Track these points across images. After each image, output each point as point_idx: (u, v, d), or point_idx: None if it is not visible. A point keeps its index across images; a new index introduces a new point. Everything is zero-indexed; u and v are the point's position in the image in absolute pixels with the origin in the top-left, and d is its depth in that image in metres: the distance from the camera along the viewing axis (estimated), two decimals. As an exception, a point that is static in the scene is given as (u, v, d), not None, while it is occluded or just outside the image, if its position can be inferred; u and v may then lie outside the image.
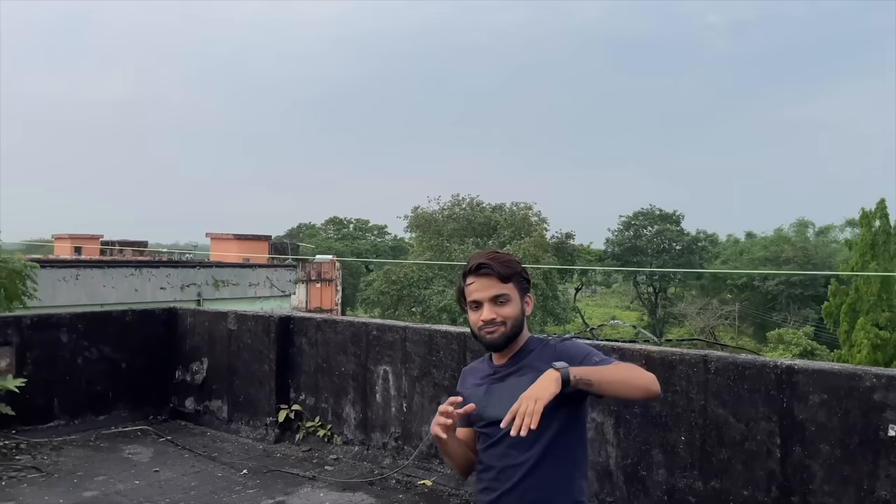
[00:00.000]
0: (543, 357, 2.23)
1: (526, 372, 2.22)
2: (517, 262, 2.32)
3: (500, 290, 2.24)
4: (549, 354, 2.24)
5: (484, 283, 2.24)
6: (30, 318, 6.73)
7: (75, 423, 6.81)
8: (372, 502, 5.22)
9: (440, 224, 47.30)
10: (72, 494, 5.21)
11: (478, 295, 2.24)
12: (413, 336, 5.91)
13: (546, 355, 2.24)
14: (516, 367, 2.27)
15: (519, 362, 2.28)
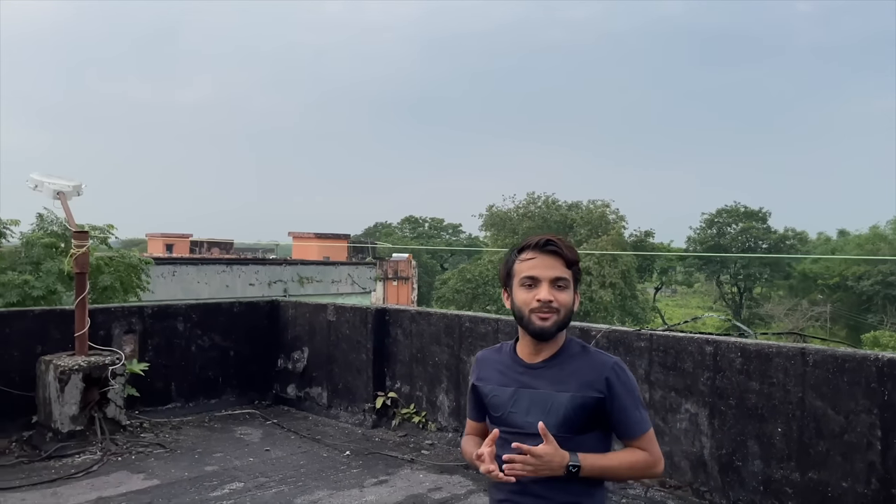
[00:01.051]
0: (586, 371, 2.02)
1: (563, 384, 2.01)
2: (577, 252, 2.12)
3: (563, 273, 2.01)
4: (592, 372, 2.01)
5: (547, 261, 2.00)
6: (150, 307, 7.32)
7: (190, 406, 7.36)
8: (469, 484, 5.47)
9: (515, 222, 47.33)
10: (195, 468, 5.69)
11: (538, 272, 1.99)
12: (505, 328, 6.13)
13: (589, 371, 2.02)
14: (552, 371, 2.03)
15: (555, 365, 2.04)
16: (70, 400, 5.99)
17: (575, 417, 1.99)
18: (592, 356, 2.06)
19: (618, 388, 2.01)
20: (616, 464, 2.01)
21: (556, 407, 2.00)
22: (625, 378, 2.03)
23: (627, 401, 2.01)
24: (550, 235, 2.07)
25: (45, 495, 5.03)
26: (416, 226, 66.19)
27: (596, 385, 2.00)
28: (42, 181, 6.75)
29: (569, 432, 1.99)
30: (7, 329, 6.29)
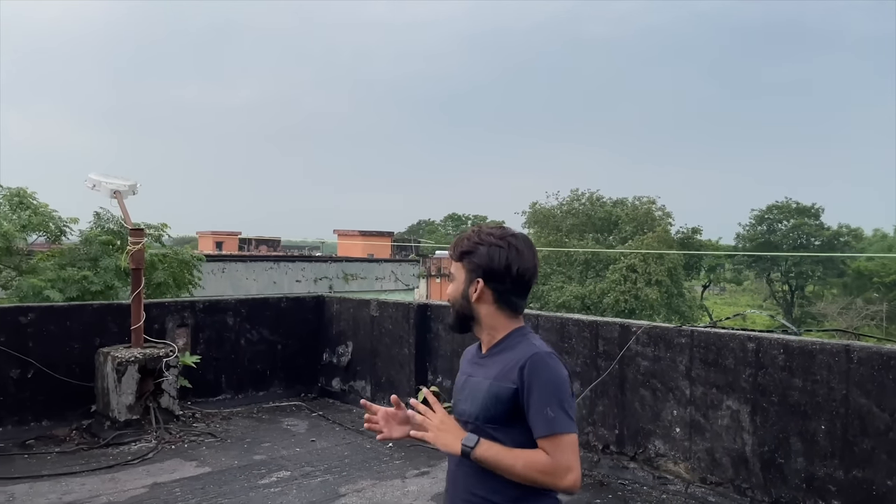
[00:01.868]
0: (508, 362, 1.95)
1: (491, 376, 1.97)
2: (478, 241, 2.00)
3: (450, 267, 2.09)
4: (512, 363, 1.93)
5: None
6: (202, 302, 7.58)
7: (239, 397, 7.61)
8: (509, 478, 5.54)
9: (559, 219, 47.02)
10: (244, 457, 5.90)
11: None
12: (545, 323, 6.18)
13: (510, 362, 1.94)
14: (492, 359, 2.02)
15: (496, 354, 2.02)
16: (127, 390, 6.26)
17: (490, 406, 1.94)
18: (521, 347, 1.96)
19: (530, 381, 1.88)
20: (511, 460, 1.87)
21: (478, 394, 1.99)
22: (541, 371, 1.89)
23: (538, 395, 1.87)
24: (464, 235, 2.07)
25: (103, 480, 5.29)
26: (459, 223, 66.32)
27: (510, 375, 1.92)
28: (100, 181, 7.05)
29: (488, 422, 1.95)
30: (68, 322, 6.60)
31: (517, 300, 2.05)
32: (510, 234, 2.04)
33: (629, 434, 5.53)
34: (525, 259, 2.02)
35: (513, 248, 2.00)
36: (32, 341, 6.37)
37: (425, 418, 2.01)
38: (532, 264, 2.04)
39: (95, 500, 4.91)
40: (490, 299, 2.01)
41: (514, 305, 2.04)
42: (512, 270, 1.99)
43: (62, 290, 8.20)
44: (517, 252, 2.01)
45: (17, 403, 6.28)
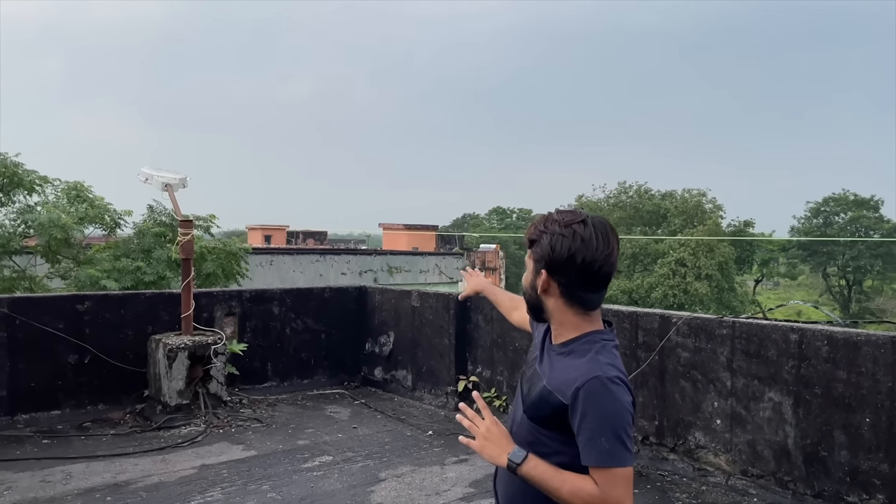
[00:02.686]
0: (569, 372, 1.80)
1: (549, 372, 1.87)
2: (542, 229, 1.86)
3: (528, 254, 1.93)
4: (571, 377, 1.78)
5: None
6: (249, 292, 7.79)
7: (285, 385, 7.80)
8: (547, 467, 5.57)
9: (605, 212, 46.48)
10: (288, 441, 6.07)
11: None
12: (585, 314, 6.17)
13: (571, 373, 1.79)
14: (558, 356, 1.89)
15: (562, 353, 1.88)
16: (177, 376, 6.50)
17: (539, 407, 1.85)
18: (585, 360, 1.80)
19: (584, 407, 1.73)
20: (558, 483, 1.76)
21: (534, 388, 1.90)
22: (599, 399, 1.73)
23: (592, 424, 1.72)
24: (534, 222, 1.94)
25: (155, 461, 5.51)
26: (504, 216, 66.15)
27: (564, 389, 1.78)
28: (152, 174, 7.29)
29: (533, 420, 1.87)
30: (122, 310, 6.87)
31: (587, 294, 1.85)
32: (579, 220, 1.83)
33: (669, 425, 5.49)
34: (593, 248, 1.80)
35: (577, 237, 1.80)
36: (89, 328, 6.65)
37: (472, 424, 1.91)
38: (604, 254, 1.81)
39: (147, 479, 5.13)
40: (556, 293, 1.86)
41: (584, 301, 1.86)
42: (576, 261, 1.79)
43: (117, 279, 8.52)
44: (582, 241, 1.80)
45: (75, 387, 6.57)
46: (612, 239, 1.85)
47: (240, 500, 4.78)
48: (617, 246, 1.86)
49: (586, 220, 1.84)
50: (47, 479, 5.07)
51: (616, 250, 1.85)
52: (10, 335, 6.24)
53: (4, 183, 8.78)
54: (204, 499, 4.79)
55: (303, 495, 4.89)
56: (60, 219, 8.34)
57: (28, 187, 8.93)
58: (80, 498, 4.74)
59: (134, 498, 4.76)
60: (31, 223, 8.54)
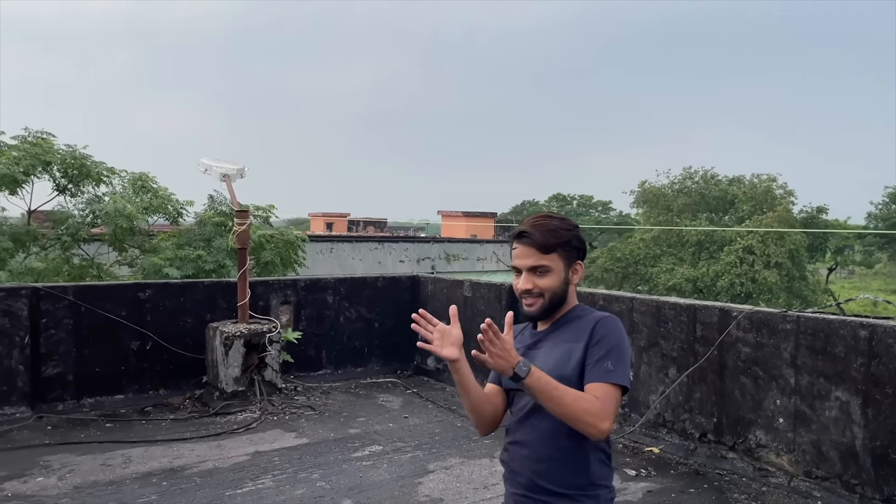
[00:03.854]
0: (579, 328, 2.08)
1: (560, 341, 2.08)
2: (566, 229, 2.10)
3: (539, 261, 2.06)
4: (584, 326, 2.07)
5: (524, 251, 2.09)
6: (303, 281, 7.89)
7: (339, 373, 7.88)
8: (599, 463, 5.45)
9: (670, 199, 45.29)
10: (340, 430, 6.12)
11: (518, 262, 2.10)
12: (640, 307, 5.99)
13: (581, 326, 2.07)
14: (554, 333, 2.12)
15: (557, 329, 2.13)
16: (233, 363, 6.63)
17: (562, 364, 2.03)
18: (589, 315, 2.11)
19: (600, 336, 2.02)
20: (563, 391, 1.90)
21: (549, 359, 2.07)
22: (613, 330, 2.04)
23: (603, 347, 2.00)
24: (529, 223, 2.11)
25: (210, 447, 5.64)
26: (564, 203, 65.27)
27: (582, 335, 2.05)
28: (210, 165, 7.43)
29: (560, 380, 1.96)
30: (181, 298, 7.05)
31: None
32: (570, 218, 2.23)
33: (728, 423, 5.28)
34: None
35: (580, 229, 2.21)
36: (150, 315, 6.85)
37: (492, 340, 1.93)
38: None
39: (202, 464, 5.25)
40: (579, 277, 2.17)
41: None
42: (586, 248, 2.22)
43: (179, 268, 8.75)
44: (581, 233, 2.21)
45: (137, 373, 6.79)
46: None
47: (289, 487, 4.84)
48: None
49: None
50: (108, 462, 5.24)
51: None
52: (75, 322, 6.48)
53: (74, 174, 9.11)
54: (255, 485, 4.86)
55: (351, 485, 4.91)
56: (126, 208, 8.61)
57: (96, 178, 9.25)
58: (137, 482, 4.89)
59: (188, 483, 4.88)
60: (98, 213, 8.85)
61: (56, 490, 4.69)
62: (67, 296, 6.46)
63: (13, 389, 6.11)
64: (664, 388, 5.74)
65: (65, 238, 8.87)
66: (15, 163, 8.38)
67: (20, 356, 6.16)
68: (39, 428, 5.99)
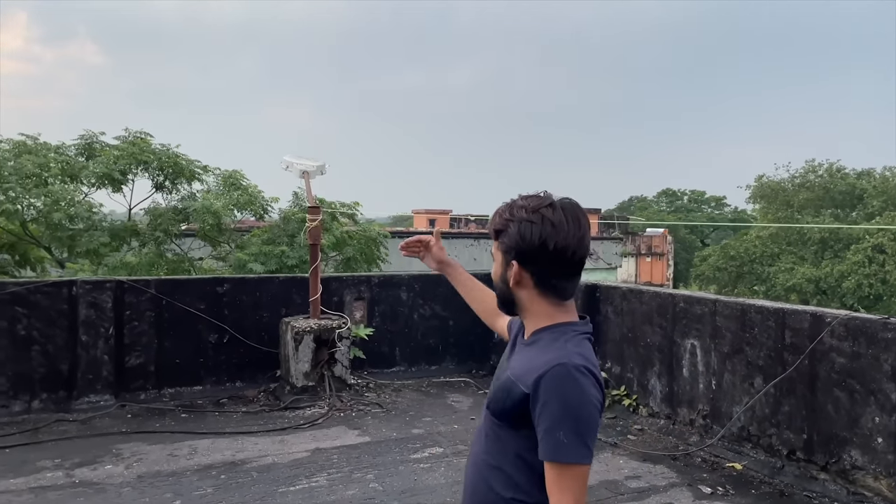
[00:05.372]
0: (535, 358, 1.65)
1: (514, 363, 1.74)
2: (508, 217, 1.72)
3: (492, 246, 1.81)
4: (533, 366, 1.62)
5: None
6: (377, 277, 7.86)
7: (412, 370, 7.80)
8: (673, 476, 5.05)
9: (790, 194, 42.56)
10: (403, 429, 6.02)
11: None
12: (724, 310, 5.51)
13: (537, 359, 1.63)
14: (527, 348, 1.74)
15: (530, 344, 1.74)
16: (303, 358, 6.67)
17: (500, 399, 1.71)
18: (552, 349, 1.64)
19: (546, 396, 1.57)
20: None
21: (497, 381, 1.78)
22: (561, 386, 1.56)
23: (551, 414, 1.56)
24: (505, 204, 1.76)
25: (274, 441, 5.68)
26: (674, 199, 62.75)
27: (526, 378, 1.62)
28: (292, 162, 7.52)
29: (495, 415, 1.73)
30: (258, 293, 7.18)
31: (561, 283, 1.73)
32: (546, 204, 1.70)
33: (819, 440, 4.74)
34: (564, 233, 1.66)
35: (547, 223, 1.67)
36: (228, 309, 7.02)
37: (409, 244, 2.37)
38: (576, 238, 1.68)
39: (262, 459, 5.28)
40: (530, 283, 1.72)
41: (558, 289, 1.73)
42: (548, 248, 1.66)
43: (263, 263, 8.97)
44: (552, 226, 1.66)
45: (215, 365, 6.97)
46: (584, 221, 1.72)
47: (342, 487, 4.77)
48: (589, 228, 1.73)
49: (554, 204, 1.70)
50: (175, 452, 5.38)
51: (588, 233, 1.72)
52: (157, 314, 6.73)
53: (168, 173, 9.53)
54: (309, 483, 4.83)
55: (404, 488, 4.78)
56: (213, 205, 8.91)
57: (189, 176, 9.63)
58: (197, 474, 4.97)
59: (245, 478, 4.91)
60: (189, 209, 9.21)
61: (120, 479, 4.84)
62: (150, 289, 6.71)
63: (98, 378, 6.41)
64: (749, 398, 5.25)
65: (158, 233, 9.30)
66: (113, 162, 8.84)
67: (105, 346, 6.46)
68: (120, 416, 6.26)
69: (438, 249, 2.37)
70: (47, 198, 8.72)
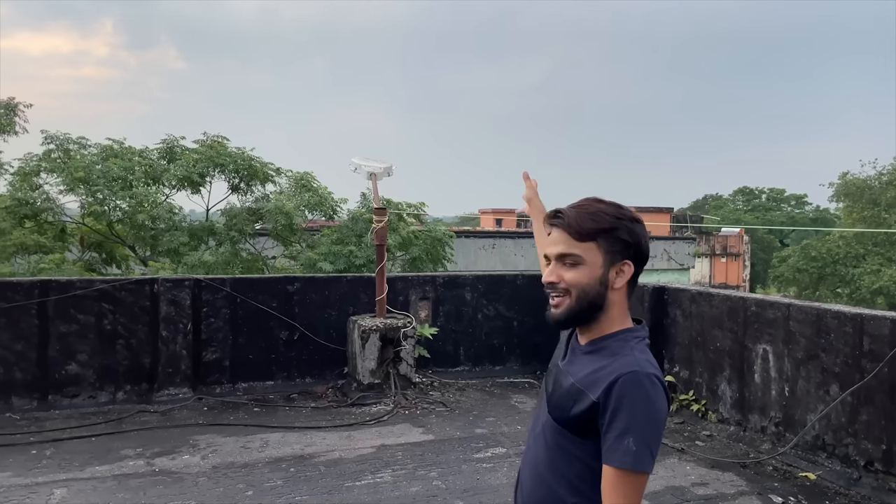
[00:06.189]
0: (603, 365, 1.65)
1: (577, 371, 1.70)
2: (614, 216, 1.69)
3: (570, 248, 1.68)
4: (603, 373, 1.63)
5: (556, 236, 1.72)
6: (442, 277, 7.94)
7: (476, 370, 7.85)
8: (742, 485, 4.92)
9: (876, 192, 40.46)
10: (467, 429, 6.07)
11: (547, 249, 1.75)
12: (798, 314, 5.33)
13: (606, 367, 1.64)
14: (587, 356, 1.72)
15: (592, 352, 1.71)
16: (369, 356, 6.82)
17: (565, 407, 1.68)
18: (622, 355, 1.65)
19: (617, 403, 1.58)
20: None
21: (558, 388, 1.73)
22: (635, 395, 1.57)
23: (622, 422, 1.56)
24: (571, 205, 1.74)
25: (341, 437, 5.83)
26: (752, 197, 60.58)
27: (597, 387, 1.62)
28: (360, 164, 7.69)
29: (558, 422, 1.71)
30: (326, 292, 7.38)
31: (637, 283, 1.78)
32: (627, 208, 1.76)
33: (900, 453, 4.53)
34: (647, 234, 1.76)
35: (643, 225, 1.72)
36: (298, 307, 7.24)
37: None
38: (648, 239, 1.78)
39: (330, 453, 5.44)
40: (626, 285, 1.73)
41: (635, 290, 1.77)
42: (646, 249, 1.74)
43: (332, 262, 9.19)
44: (645, 228, 1.74)
45: (286, 361, 7.20)
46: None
47: (406, 484, 4.87)
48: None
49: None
50: (247, 445, 5.60)
51: None
52: (232, 312, 7.01)
53: (244, 175, 9.89)
54: (374, 479, 4.95)
55: (466, 486, 4.84)
56: (285, 206, 9.19)
57: (262, 178, 9.97)
58: (268, 466, 5.16)
59: (313, 471, 5.07)
60: (262, 210, 9.54)
61: (197, 469, 5.08)
62: (225, 287, 6.99)
63: (177, 372, 6.73)
64: (824, 406, 5.06)
65: (233, 233, 9.66)
66: (192, 165, 9.24)
67: (183, 342, 6.77)
68: (197, 408, 6.55)
69: (530, 188, 2.56)
70: (132, 199, 9.20)
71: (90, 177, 9.16)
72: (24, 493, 4.58)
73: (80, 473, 4.93)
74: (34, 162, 9.71)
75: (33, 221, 9.61)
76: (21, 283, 6.48)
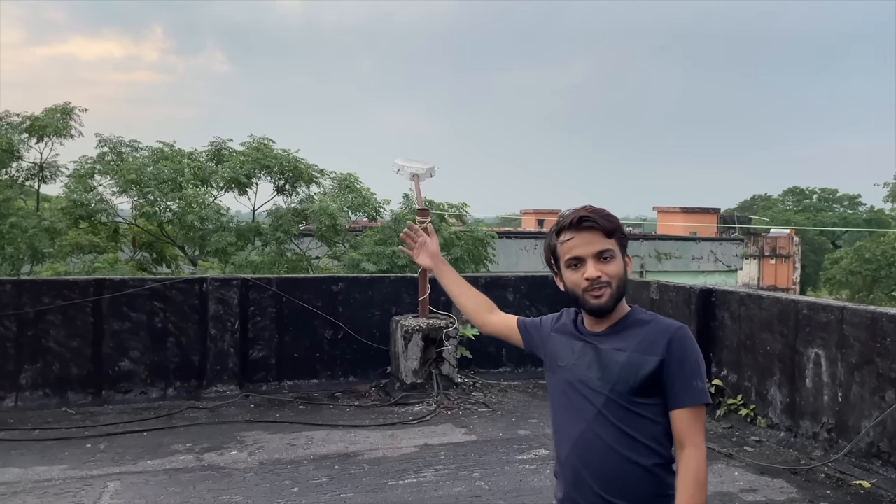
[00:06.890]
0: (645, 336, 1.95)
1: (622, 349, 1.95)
2: (616, 218, 2.05)
3: (605, 245, 1.96)
4: (652, 337, 1.94)
5: (586, 237, 1.96)
6: (484, 277, 7.95)
7: (518, 371, 7.83)
8: (793, 492, 4.80)
9: (934, 191, 39.08)
10: (509, 430, 6.06)
11: (580, 251, 1.96)
12: (852, 318, 5.18)
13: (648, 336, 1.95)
14: (615, 336, 1.99)
15: (619, 331, 1.99)
16: (412, 356, 6.86)
17: (630, 377, 1.93)
18: (659, 322, 1.99)
19: (681, 353, 1.92)
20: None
21: (612, 366, 1.96)
22: (690, 344, 1.94)
23: (688, 367, 1.92)
24: (583, 210, 2.00)
25: (384, 436, 5.88)
26: (802, 197, 59.00)
27: (656, 347, 1.92)
28: (403, 165, 7.75)
29: (625, 393, 1.94)
30: (370, 292, 7.45)
31: None
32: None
33: (961, 463, 4.37)
34: None
35: None
36: (342, 307, 7.33)
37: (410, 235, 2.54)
38: None
39: (373, 452, 5.49)
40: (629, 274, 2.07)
41: None
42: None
43: (375, 262, 9.27)
44: None
45: (330, 360, 7.29)
46: None
47: (449, 483, 4.88)
48: None
49: None
50: (293, 442, 5.69)
51: None
52: (278, 311, 7.13)
53: (289, 176, 10.05)
54: (417, 478, 4.97)
55: (509, 488, 4.83)
56: (329, 207, 9.31)
57: (307, 179, 10.11)
58: (314, 463, 5.23)
59: (357, 469, 5.12)
60: (307, 211, 9.67)
61: (244, 464, 5.18)
62: (271, 287, 7.12)
63: (225, 369, 6.87)
64: (879, 413, 4.90)
65: (279, 234, 9.82)
66: (239, 167, 9.43)
67: (231, 340, 6.91)
68: (244, 405, 6.68)
69: (433, 244, 2.53)
70: (181, 201, 9.43)
71: (142, 178, 9.43)
72: (80, 486, 4.73)
73: (133, 467, 5.08)
74: (89, 164, 10.04)
75: (88, 222, 9.93)
76: (77, 281, 6.70)
